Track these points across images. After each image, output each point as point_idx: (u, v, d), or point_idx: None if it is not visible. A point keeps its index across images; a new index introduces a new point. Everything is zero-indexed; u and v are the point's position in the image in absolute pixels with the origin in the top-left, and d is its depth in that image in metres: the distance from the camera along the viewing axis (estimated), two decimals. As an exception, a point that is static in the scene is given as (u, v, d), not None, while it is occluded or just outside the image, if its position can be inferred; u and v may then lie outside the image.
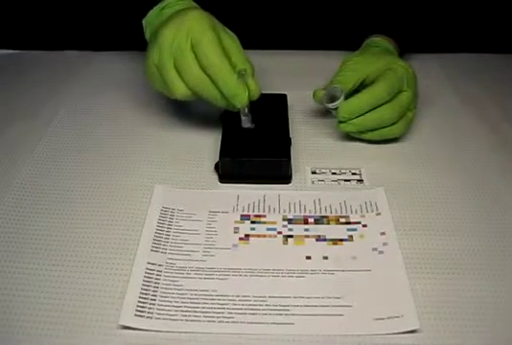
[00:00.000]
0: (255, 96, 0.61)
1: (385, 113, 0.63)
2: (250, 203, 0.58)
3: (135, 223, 0.55)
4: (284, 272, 0.50)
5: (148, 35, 0.66)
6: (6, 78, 0.79)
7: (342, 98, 0.63)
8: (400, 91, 0.63)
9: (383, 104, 0.62)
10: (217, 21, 0.61)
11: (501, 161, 0.63)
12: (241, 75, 0.58)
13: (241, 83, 0.58)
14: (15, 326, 0.46)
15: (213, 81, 0.58)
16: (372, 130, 0.64)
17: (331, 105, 0.64)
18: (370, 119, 0.63)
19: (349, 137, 0.65)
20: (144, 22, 0.66)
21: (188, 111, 0.70)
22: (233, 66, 0.59)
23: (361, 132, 0.64)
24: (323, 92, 0.65)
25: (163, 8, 0.64)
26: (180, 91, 0.59)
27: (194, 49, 0.58)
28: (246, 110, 0.61)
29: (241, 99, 0.59)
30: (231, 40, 0.61)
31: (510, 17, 0.81)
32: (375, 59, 0.67)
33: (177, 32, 0.58)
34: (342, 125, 0.63)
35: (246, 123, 0.62)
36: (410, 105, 0.64)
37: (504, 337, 0.45)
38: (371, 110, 0.62)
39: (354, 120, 0.63)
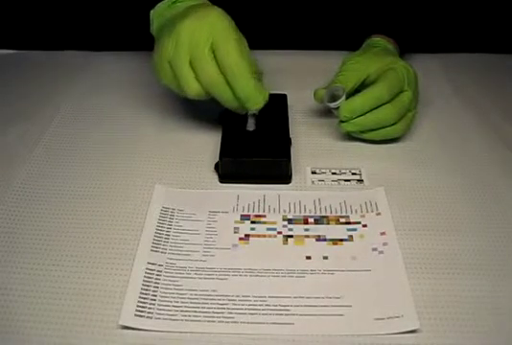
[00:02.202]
0: (266, 100, 0.59)
1: (386, 113, 0.62)
2: (250, 203, 0.58)
3: (135, 223, 0.55)
4: (284, 272, 0.50)
5: (155, 27, 0.64)
6: (6, 78, 0.79)
7: (344, 97, 0.63)
8: (401, 91, 0.63)
9: (383, 104, 0.62)
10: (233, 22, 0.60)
11: (501, 161, 0.63)
12: (258, 78, 0.58)
13: (258, 86, 0.58)
14: (15, 326, 0.46)
15: (228, 82, 0.57)
16: (373, 130, 0.64)
17: (332, 105, 0.64)
18: (371, 119, 0.62)
19: (349, 137, 0.65)
20: (152, 14, 0.65)
21: (188, 111, 0.70)
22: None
23: (362, 132, 0.64)
24: (324, 91, 0.65)
25: (174, 1, 0.63)
26: (193, 90, 0.58)
27: (214, 47, 0.56)
28: (256, 113, 0.61)
29: (257, 101, 0.58)
30: (243, 43, 0.60)
31: (510, 17, 0.81)
32: (376, 59, 0.67)
33: (199, 26, 0.56)
34: (343, 124, 0.63)
35: (252, 125, 0.62)
36: (411, 105, 0.64)
37: (504, 337, 0.45)
38: (372, 110, 0.62)
39: (355, 119, 0.63)
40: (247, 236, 0.54)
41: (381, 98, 0.62)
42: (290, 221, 0.55)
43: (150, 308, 0.47)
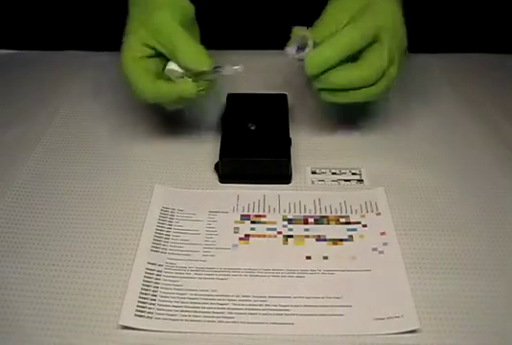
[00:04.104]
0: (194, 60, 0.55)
1: (361, 68, 0.54)
2: (250, 203, 0.58)
3: (135, 223, 0.55)
4: (284, 272, 0.50)
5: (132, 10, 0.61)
6: (6, 78, 0.79)
7: (310, 47, 0.55)
8: (377, 39, 0.54)
9: (358, 60, 0.55)
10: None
11: (501, 161, 0.63)
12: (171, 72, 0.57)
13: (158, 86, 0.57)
14: (15, 326, 0.46)
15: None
16: (345, 91, 0.56)
17: (297, 57, 0.56)
18: (343, 75, 0.54)
19: (349, 137, 0.65)
20: None
21: (188, 111, 0.70)
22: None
23: (333, 93, 0.56)
24: (289, 42, 0.57)
25: None
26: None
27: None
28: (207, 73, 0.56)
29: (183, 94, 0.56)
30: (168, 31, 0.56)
31: (510, 17, 0.81)
32: None
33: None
34: (314, 82, 0.56)
35: (227, 71, 0.56)
36: (393, 57, 0.55)
37: (504, 337, 0.45)
38: (344, 64, 0.54)
39: (325, 75, 0.54)
40: (247, 236, 0.54)
41: (352, 45, 0.53)
42: (290, 221, 0.55)
43: (150, 308, 0.47)
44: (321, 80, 0.55)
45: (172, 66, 0.58)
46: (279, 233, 0.54)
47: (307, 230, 0.54)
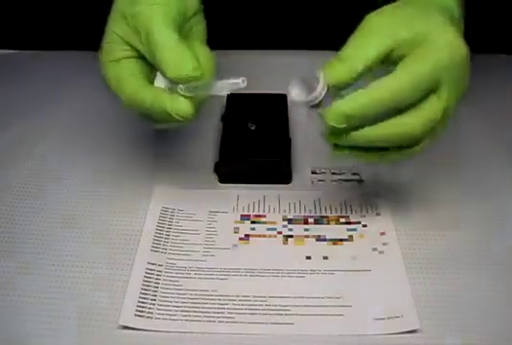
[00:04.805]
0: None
1: (405, 125, 0.41)
2: (250, 203, 0.58)
3: (135, 223, 0.55)
4: (284, 272, 0.50)
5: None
6: (6, 78, 0.79)
7: (320, 89, 0.43)
8: (435, 87, 0.42)
9: (401, 110, 0.42)
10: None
11: (502, 161, 0.63)
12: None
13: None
14: (15, 326, 0.46)
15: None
16: (369, 149, 0.46)
17: (308, 100, 0.43)
18: (376, 133, 0.42)
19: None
20: None
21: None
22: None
23: (359, 151, 0.45)
24: (292, 83, 0.45)
25: None
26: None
27: None
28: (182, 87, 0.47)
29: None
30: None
31: (510, 17, 0.81)
32: (408, 19, 0.42)
33: None
34: (332, 137, 0.44)
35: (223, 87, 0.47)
36: (449, 111, 0.42)
37: (505, 337, 0.45)
38: (380, 118, 0.42)
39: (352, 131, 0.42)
40: (247, 236, 0.54)
41: (397, 98, 0.40)
42: (290, 221, 0.55)
43: (150, 308, 0.47)
44: (348, 136, 0.42)
45: (159, 81, 0.49)
46: (279, 233, 0.54)
47: (307, 230, 0.54)
